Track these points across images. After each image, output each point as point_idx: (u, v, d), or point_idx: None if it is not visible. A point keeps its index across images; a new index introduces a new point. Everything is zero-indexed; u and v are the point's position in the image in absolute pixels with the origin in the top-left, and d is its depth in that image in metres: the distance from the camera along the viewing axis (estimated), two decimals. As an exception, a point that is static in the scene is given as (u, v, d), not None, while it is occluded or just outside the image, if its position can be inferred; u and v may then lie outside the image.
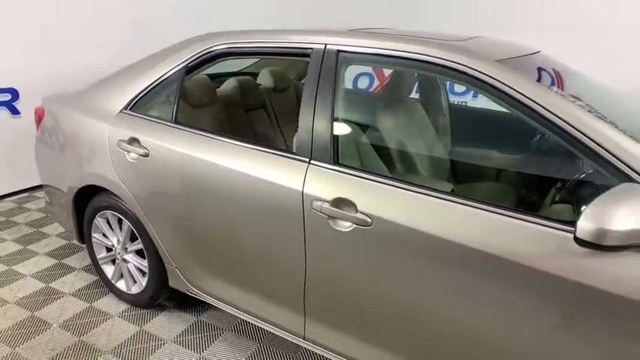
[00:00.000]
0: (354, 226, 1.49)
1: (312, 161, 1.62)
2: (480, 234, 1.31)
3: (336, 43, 1.68)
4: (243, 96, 2.69)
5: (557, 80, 1.67)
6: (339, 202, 1.52)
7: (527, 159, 1.83)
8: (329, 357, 1.77)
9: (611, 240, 1.04)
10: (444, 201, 1.39)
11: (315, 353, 2.08)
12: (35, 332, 2.21)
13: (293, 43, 1.78)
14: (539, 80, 1.48)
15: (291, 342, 1.86)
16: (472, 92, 4.33)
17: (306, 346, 1.81)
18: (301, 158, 1.64)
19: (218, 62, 2.03)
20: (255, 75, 3.10)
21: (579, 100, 1.42)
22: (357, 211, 1.49)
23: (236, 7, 4.77)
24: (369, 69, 4.64)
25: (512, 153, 2.15)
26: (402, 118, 1.88)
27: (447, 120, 2.50)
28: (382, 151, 1.77)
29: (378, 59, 1.63)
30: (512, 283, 1.28)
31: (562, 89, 1.60)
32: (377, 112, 1.98)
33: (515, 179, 2.16)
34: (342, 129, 1.66)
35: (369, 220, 1.46)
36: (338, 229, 1.52)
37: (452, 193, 1.41)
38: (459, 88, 4.37)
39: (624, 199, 1.07)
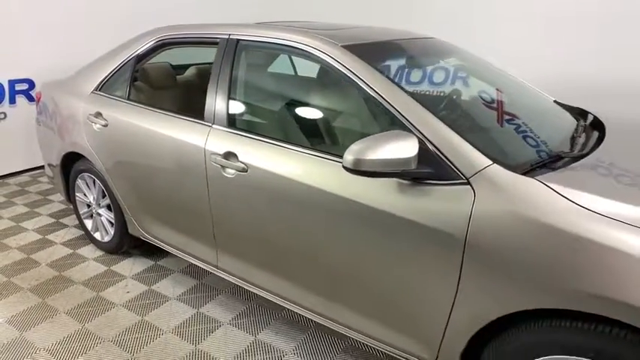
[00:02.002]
0: (237, 173, 1.95)
1: (213, 125, 2.08)
2: (317, 176, 1.74)
3: (236, 33, 2.13)
4: (203, 80, 3.17)
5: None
6: (228, 155, 1.98)
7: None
8: (237, 284, 2.23)
9: (365, 167, 1.43)
10: (299, 153, 1.81)
11: (244, 289, 2.55)
12: (27, 268, 2.78)
13: (209, 33, 2.25)
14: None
15: (226, 280, 2.30)
16: (449, 81, 4.62)
17: (221, 275, 2.28)
18: (206, 123, 2.10)
19: (162, 51, 2.53)
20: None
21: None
22: (238, 160, 1.94)
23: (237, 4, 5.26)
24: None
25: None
26: (296, 91, 2.30)
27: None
28: (269, 116, 2.19)
29: (264, 45, 2.07)
30: (331, 207, 1.69)
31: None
32: (274, 87, 2.42)
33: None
34: (235, 100, 2.11)
35: (247, 168, 1.91)
36: (227, 175, 1.98)
37: (304, 146, 1.82)
38: (437, 78, 4.68)
39: (384, 139, 1.46)
